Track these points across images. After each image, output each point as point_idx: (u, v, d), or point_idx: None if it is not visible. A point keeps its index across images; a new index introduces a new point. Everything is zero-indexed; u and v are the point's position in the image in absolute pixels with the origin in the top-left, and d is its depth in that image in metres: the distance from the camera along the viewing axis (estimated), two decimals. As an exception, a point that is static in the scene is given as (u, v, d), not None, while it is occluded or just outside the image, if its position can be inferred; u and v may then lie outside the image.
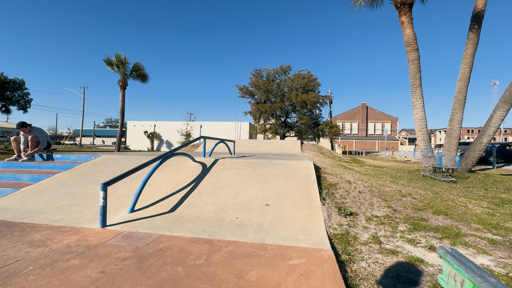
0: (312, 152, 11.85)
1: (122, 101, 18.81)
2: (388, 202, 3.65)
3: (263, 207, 3.19)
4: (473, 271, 1.19)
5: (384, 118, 46.96)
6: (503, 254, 2.35)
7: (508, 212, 3.73)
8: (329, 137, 22.36)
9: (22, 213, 3.18)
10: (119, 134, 18.54)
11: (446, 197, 4.51)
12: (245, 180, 3.95)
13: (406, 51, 8.59)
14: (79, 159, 5.53)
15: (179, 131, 30.33)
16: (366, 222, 2.99)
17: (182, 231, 2.59)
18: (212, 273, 1.80)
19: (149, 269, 1.84)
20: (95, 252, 2.10)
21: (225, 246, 2.26)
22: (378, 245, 2.46)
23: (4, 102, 28.43)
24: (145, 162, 3.38)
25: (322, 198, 3.55)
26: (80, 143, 38.66)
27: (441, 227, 2.90)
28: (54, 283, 1.65)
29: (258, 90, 22.34)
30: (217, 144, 6.31)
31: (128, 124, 34.21)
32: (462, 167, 8.43)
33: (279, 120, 23.03)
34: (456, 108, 8.42)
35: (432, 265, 2.12)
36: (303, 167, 4.36)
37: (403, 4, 8.49)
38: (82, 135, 44.96)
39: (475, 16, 8.36)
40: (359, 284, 1.83)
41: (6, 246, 2.22)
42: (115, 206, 3.33)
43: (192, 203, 3.34)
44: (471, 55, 8.32)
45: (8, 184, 4.30)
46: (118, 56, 18.33)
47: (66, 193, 3.81)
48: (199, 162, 4.80)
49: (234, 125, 31.31)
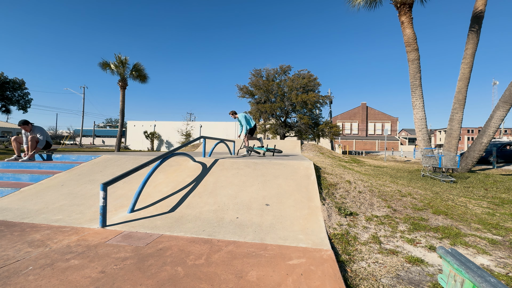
0: (312, 152, 11.85)
1: (122, 101, 18.82)
2: (388, 202, 3.65)
3: (263, 207, 3.19)
4: (473, 271, 1.19)
5: (384, 118, 46.97)
6: (503, 254, 2.35)
7: (508, 212, 3.72)
8: (329, 137, 22.36)
9: (22, 213, 3.18)
10: (119, 134, 18.55)
11: (446, 197, 4.51)
12: (245, 180, 3.95)
13: (406, 51, 8.59)
14: (79, 159, 5.53)
15: (179, 131, 30.33)
16: (366, 222, 2.99)
17: (182, 231, 2.59)
18: (212, 273, 1.80)
19: (149, 269, 1.84)
20: (95, 252, 2.10)
21: (225, 246, 2.26)
22: (378, 245, 2.46)
23: (4, 102, 28.43)
24: (145, 162, 3.38)
25: (322, 198, 3.55)
26: (80, 143, 38.66)
27: (441, 227, 2.90)
28: (54, 283, 1.65)
29: (258, 90, 22.34)
30: (217, 144, 6.31)
31: (128, 124, 34.21)
32: (462, 167, 8.43)
33: (279, 120, 23.03)
34: (456, 108, 8.42)
35: (432, 265, 2.12)
36: (303, 167, 4.36)
37: (403, 4, 8.48)
38: (82, 135, 44.95)
39: (475, 16, 8.36)
40: (359, 284, 1.83)
41: (6, 246, 2.22)
42: (115, 206, 3.33)
43: (192, 203, 3.34)
44: (471, 55, 8.32)
45: (8, 184, 4.30)
46: (118, 57, 18.34)
47: (66, 193, 3.81)
48: (199, 162, 4.80)
49: (234, 125, 31.30)
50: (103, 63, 18.24)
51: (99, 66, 18.24)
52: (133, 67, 19.02)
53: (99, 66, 18.24)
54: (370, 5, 9.79)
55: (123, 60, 18.39)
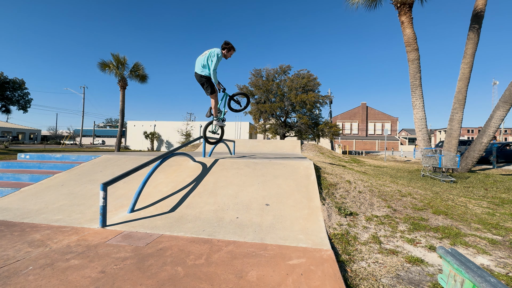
0: (312, 152, 11.85)
1: (122, 101, 18.82)
2: (388, 202, 3.65)
3: (263, 207, 3.19)
4: (473, 271, 1.19)
5: (384, 118, 46.96)
6: (503, 254, 2.35)
7: (508, 212, 3.73)
8: (329, 137, 22.38)
9: (22, 213, 3.18)
10: (119, 134, 18.55)
11: (446, 197, 4.51)
12: (245, 180, 3.95)
13: (406, 51, 8.59)
14: (79, 159, 5.53)
15: (179, 131, 30.32)
16: (366, 222, 2.99)
17: (182, 231, 2.59)
18: (212, 273, 1.80)
19: (149, 269, 1.84)
20: (95, 252, 2.10)
21: (225, 246, 2.26)
22: (378, 245, 2.46)
23: (4, 102, 28.45)
24: (145, 162, 3.38)
25: (322, 198, 3.54)
26: (80, 143, 38.65)
27: (441, 227, 2.90)
28: (54, 283, 1.65)
29: (258, 90, 22.36)
30: (217, 144, 6.30)
31: (128, 124, 34.21)
32: (462, 167, 8.43)
33: (279, 120, 23.03)
34: (456, 108, 8.42)
35: (432, 265, 2.12)
36: (303, 167, 4.36)
37: (403, 4, 8.49)
38: (82, 135, 44.95)
39: (475, 16, 8.36)
40: (359, 284, 1.83)
41: (6, 246, 2.22)
42: (115, 206, 3.33)
43: (192, 203, 3.34)
44: (471, 55, 8.32)
45: (8, 184, 4.30)
46: (116, 57, 18.23)
47: (66, 193, 3.81)
48: (199, 162, 4.80)
49: (234, 125, 31.30)
50: (102, 64, 18.16)
51: (98, 67, 18.18)
52: (133, 66, 19.00)
53: (98, 67, 18.19)
54: (370, 4, 9.80)
55: (121, 60, 18.34)
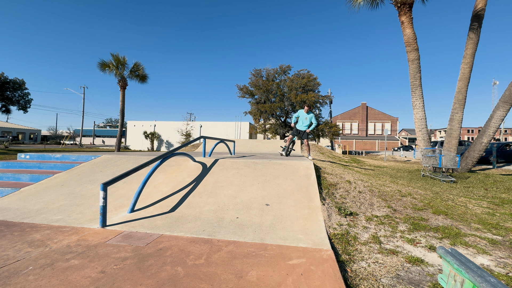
0: (312, 152, 11.86)
1: (122, 101, 18.79)
2: (388, 202, 3.65)
3: (263, 207, 3.19)
4: (473, 271, 1.19)
5: (384, 118, 46.96)
6: (503, 254, 2.35)
7: (508, 212, 3.72)
8: (329, 137, 22.37)
9: (22, 213, 3.18)
10: (119, 134, 18.53)
11: (446, 197, 4.51)
12: (245, 180, 3.95)
13: (406, 51, 8.59)
14: (79, 159, 5.53)
15: (179, 131, 30.32)
16: (366, 222, 2.99)
17: (182, 231, 2.59)
18: (212, 273, 1.80)
19: (149, 269, 1.84)
20: (95, 252, 2.10)
21: (225, 246, 2.26)
22: (378, 245, 2.46)
23: (4, 102, 28.44)
24: (145, 162, 3.38)
25: (322, 198, 3.54)
26: (80, 143, 38.63)
27: (441, 227, 2.90)
28: (54, 283, 1.65)
29: (258, 90, 22.34)
30: (217, 144, 6.31)
31: (128, 124, 34.20)
32: (462, 167, 8.43)
33: (279, 120, 23.02)
34: (456, 108, 8.42)
35: (432, 265, 2.12)
36: (303, 167, 4.36)
37: (403, 4, 8.48)
38: (82, 135, 44.94)
39: (475, 16, 8.35)
40: (359, 284, 1.83)
41: (6, 246, 2.22)
42: (115, 206, 3.33)
43: (192, 203, 3.34)
44: (471, 55, 8.32)
45: (8, 184, 4.30)
46: (115, 56, 18.19)
47: (66, 193, 3.81)
48: (199, 162, 4.80)
49: (234, 125, 31.30)
50: (102, 64, 18.11)
51: (98, 67, 18.15)
52: (133, 66, 18.97)
53: (98, 67, 18.16)
54: (371, 4, 9.79)
55: (121, 60, 18.29)
